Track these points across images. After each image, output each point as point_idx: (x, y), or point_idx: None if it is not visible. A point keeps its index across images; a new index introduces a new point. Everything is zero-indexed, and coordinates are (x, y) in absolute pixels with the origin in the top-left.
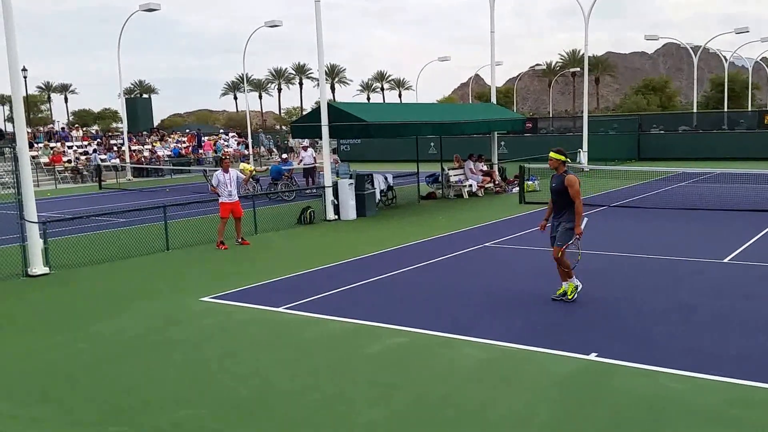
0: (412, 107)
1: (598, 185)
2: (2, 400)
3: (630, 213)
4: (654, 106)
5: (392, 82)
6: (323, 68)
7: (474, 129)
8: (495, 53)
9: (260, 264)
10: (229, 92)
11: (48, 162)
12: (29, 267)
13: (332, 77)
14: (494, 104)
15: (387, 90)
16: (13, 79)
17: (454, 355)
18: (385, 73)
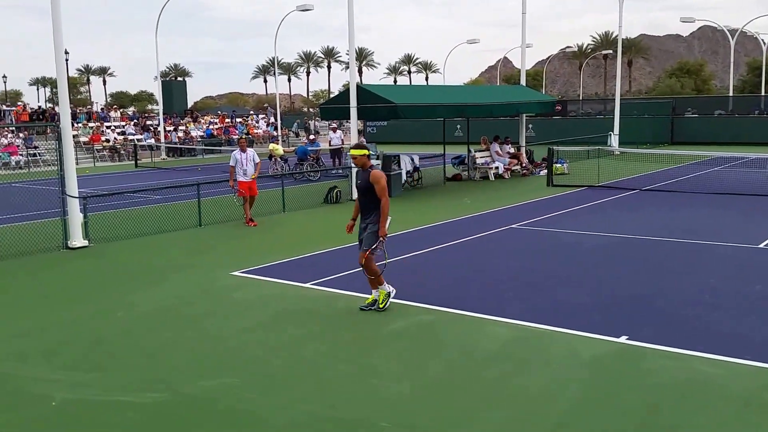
0: (439, 89)
1: (629, 169)
2: (45, 366)
3: (662, 197)
4: (688, 89)
5: (419, 65)
6: (353, 49)
7: (502, 111)
8: (525, 34)
9: (288, 241)
10: (259, 75)
11: (87, 141)
12: (69, 239)
13: (360, 60)
14: (523, 86)
15: (414, 73)
16: (58, 61)
17: (480, 334)
18: (413, 56)
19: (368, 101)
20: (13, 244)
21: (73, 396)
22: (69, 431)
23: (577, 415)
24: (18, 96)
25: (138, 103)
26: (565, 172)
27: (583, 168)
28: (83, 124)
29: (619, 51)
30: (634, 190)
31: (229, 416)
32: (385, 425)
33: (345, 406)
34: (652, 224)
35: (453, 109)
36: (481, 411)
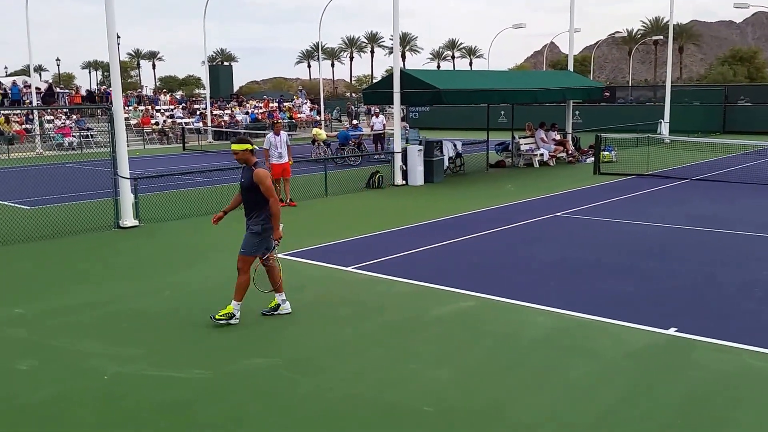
0: (484, 74)
1: (679, 158)
2: (96, 340)
3: (712, 187)
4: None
5: (463, 50)
6: (398, 34)
7: (548, 97)
8: (574, 19)
9: (330, 225)
10: (303, 60)
11: (137, 124)
12: (121, 219)
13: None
14: (571, 72)
15: (458, 58)
16: (110, 46)
17: (523, 322)
18: (457, 41)
19: (411, 86)
20: (67, 222)
21: (124, 370)
22: (120, 403)
23: (622, 406)
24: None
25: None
26: (612, 160)
27: (631, 156)
28: (134, 107)
29: (670, 37)
30: (685, 180)
31: (271, 395)
32: (428, 409)
33: (386, 390)
34: (703, 215)
35: (497, 95)
36: (523, 398)
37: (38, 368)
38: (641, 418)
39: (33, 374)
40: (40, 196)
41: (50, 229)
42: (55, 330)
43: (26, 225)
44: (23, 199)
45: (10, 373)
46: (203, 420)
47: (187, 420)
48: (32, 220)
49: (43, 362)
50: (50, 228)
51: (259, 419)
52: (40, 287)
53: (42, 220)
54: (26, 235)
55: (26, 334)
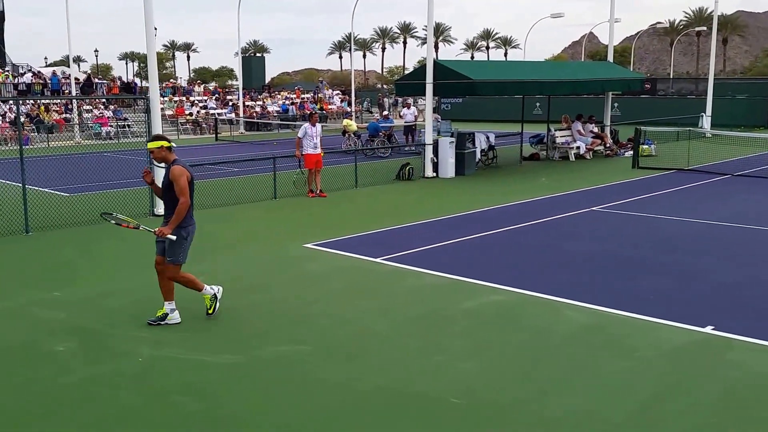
0: (518, 65)
1: (721, 152)
2: (132, 324)
3: (755, 183)
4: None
5: (498, 41)
6: (431, 24)
7: (586, 88)
8: (614, 9)
9: (360, 216)
10: (334, 51)
11: (172, 114)
12: (155, 207)
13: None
14: (610, 63)
15: (492, 49)
16: (147, 37)
17: (554, 317)
18: (492, 31)
19: (444, 77)
20: (104, 209)
21: (158, 353)
22: (154, 385)
23: (655, 404)
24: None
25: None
26: (652, 154)
27: (671, 150)
28: (168, 98)
29: (714, 28)
30: (726, 175)
31: (300, 382)
32: (456, 401)
33: (414, 381)
34: (744, 211)
35: (533, 86)
36: (554, 394)
37: (75, 350)
38: (675, 417)
39: (70, 356)
40: (78, 184)
41: (88, 216)
42: (92, 313)
43: (65, 212)
44: (62, 186)
45: (48, 354)
46: (232, 404)
47: (216, 403)
48: (71, 207)
49: (79, 344)
50: (88, 215)
51: (286, 406)
52: (77, 272)
53: (80, 207)
54: (65, 221)
55: (64, 317)
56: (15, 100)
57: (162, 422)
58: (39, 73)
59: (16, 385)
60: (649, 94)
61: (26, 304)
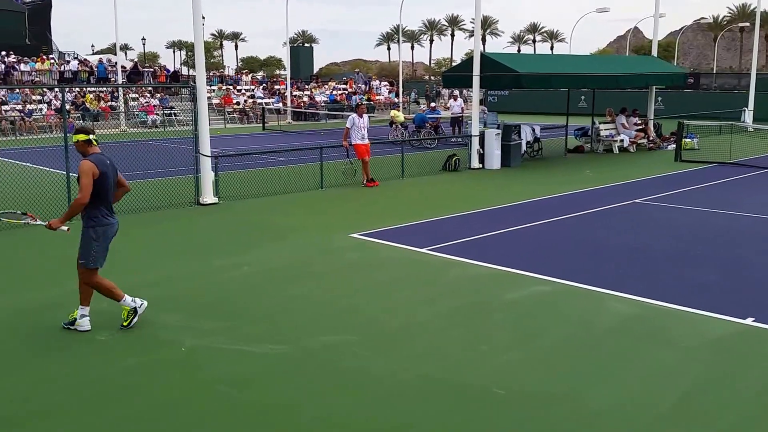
0: (564, 58)
1: (763, 146)
2: (176, 313)
3: None
4: None
5: (545, 34)
6: (479, 17)
7: (630, 82)
8: (659, 3)
9: (406, 206)
10: (383, 43)
11: (219, 103)
12: (201, 196)
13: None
14: (654, 57)
15: (539, 42)
16: (195, 26)
17: (598, 308)
18: (539, 24)
19: (491, 69)
20: (150, 198)
21: (201, 343)
22: (196, 375)
23: (698, 395)
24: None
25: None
26: (694, 148)
27: (714, 144)
28: (216, 87)
29: (757, 24)
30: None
31: (345, 372)
32: (499, 392)
33: (457, 371)
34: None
35: (578, 79)
36: (596, 384)
37: (118, 339)
38: (717, 408)
39: (113, 345)
40: (123, 172)
41: (133, 204)
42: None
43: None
44: None
45: (90, 343)
46: (276, 394)
47: (260, 393)
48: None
49: (123, 333)
50: (133, 203)
51: (330, 395)
52: (121, 260)
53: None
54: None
55: (107, 305)
56: (60, 88)
57: (205, 411)
58: (86, 60)
59: (59, 375)
60: (693, 89)
61: (69, 292)
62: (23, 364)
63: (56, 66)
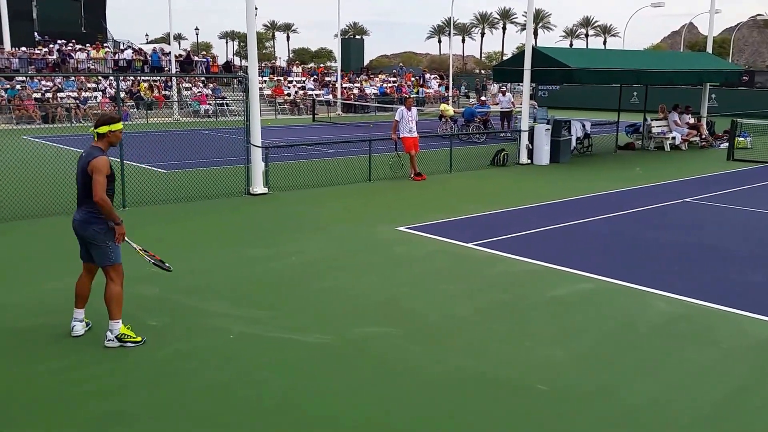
0: (617, 54)
1: None
2: (222, 301)
3: None
4: None
5: (598, 29)
6: (531, 10)
7: (683, 79)
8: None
9: (452, 201)
10: (433, 36)
11: (270, 94)
12: (251, 186)
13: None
14: (708, 54)
15: (591, 36)
16: (248, 17)
17: (642, 307)
18: (591, 18)
19: (543, 64)
20: (201, 187)
21: (248, 331)
22: (243, 362)
23: (740, 396)
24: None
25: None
26: (747, 147)
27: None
28: (268, 77)
29: None
30: None
31: (387, 364)
32: (542, 388)
33: (498, 366)
34: None
35: (631, 75)
36: (638, 383)
37: (168, 325)
38: (761, 409)
39: (162, 330)
40: (175, 161)
41: (184, 192)
42: (186, 289)
43: (162, 188)
44: (160, 162)
45: (140, 328)
46: (319, 383)
47: (304, 381)
48: (168, 183)
49: (172, 319)
50: (184, 192)
51: (371, 385)
52: (171, 248)
53: (177, 183)
54: (161, 197)
55: (158, 292)
56: (115, 76)
57: (253, 397)
58: (140, 50)
59: (110, 357)
60: (747, 87)
61: (125, 278)
62: (79, 346)
63: (111, 54)
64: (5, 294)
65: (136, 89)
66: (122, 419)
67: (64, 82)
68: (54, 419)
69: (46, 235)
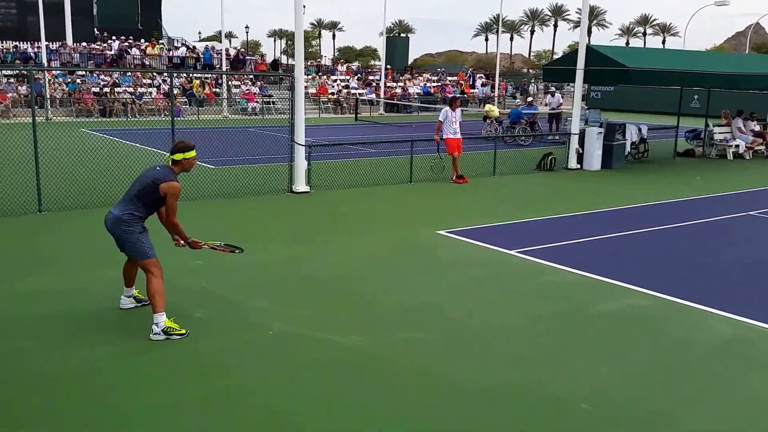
0: (677, 54)
1: None
2: (263, 298)
3: None
4: None
5: (656, 27)
6: (587, 7)
7: (749, 83)
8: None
9: (496, 205)
10: (480, 33)
11: (315, 93)
12: (294, 184)
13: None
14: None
15: (649, 35)
16: (296, 16)
17: (701, 327)
18: (650, 16)
19: (597, 63)
20: (245, 183)
21: (287, 328)
22: (280, 358)
23: None
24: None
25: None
26: None
27: None
28: (312, 76)
29: None
30: None
31: (424, 372)
32: (585, 407)
33: (542, 381)
34: None
35: (692, 77)
36: (694, 408)
37: (211, 317)
38: None
39: (205, 322)
40: (223, 157)
41: (229, 188)
42: (230, 284)
43: (210, 183)
44: (209, 158)
45: (185, 319)
46: (360, 385)
47: (339, 383)
48: (215, 178)
49: (216, 312)
50: (229, 188)
51: (408, 393)
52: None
53: (224, 179)
54: (209, 192)
55: (205, 285)
56: (169, 73)
57: (287, 394)
58: (193, 47)
59: (154, 347)
60: None
61: (170, 270)
62: (127, 335)
63: (165, 51)
64: (61, 280)
65: (189, 86)
66: (161, 410)
67: (121, 77)
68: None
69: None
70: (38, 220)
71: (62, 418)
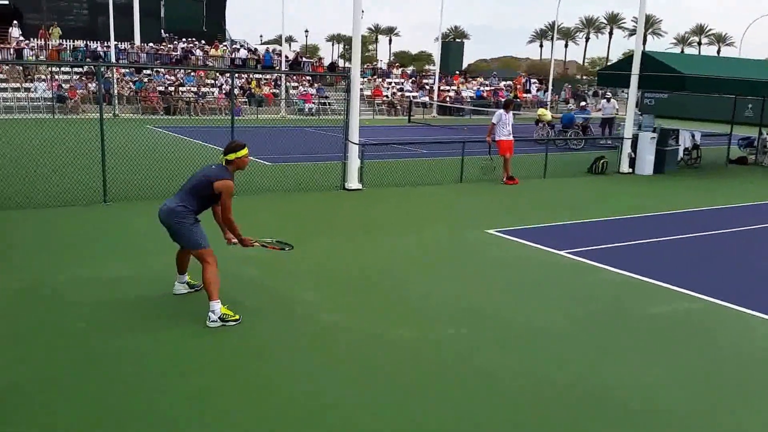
0: (733, 62)
1: None
2: (313, 290)
3: None
4: None
5: (711, 37)
6: (643, 15)
7: None
8: None
9: (546, 206)
10: (535, 40)
11: (370, 95)
12: (346, 182)
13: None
14: None
15: (704, 45)
16: (354, 21)
17: (751, 334)
18: (705, 26)
19: (652, 69)
20: (301, 180)
21: (334, 321)
22: (326, 351)
23: None
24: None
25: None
26: None
27: None
28: (368, 79)
29: None
30: None
31: (471, 368)
32: (632, 407)
33: (589, 382)
34: None
35: (747, 85)
36: (742, 412)
37: (263, 308)
38: None
39: (257, 312)
40: (280, 154)
41: (285, 184)
42: (283, 275)
43: (267, 179)
44: (267, 156)
45: (234, 306)
46: (403, 379)
47: (383, 376)
48: (272, 174)
49: (267, 302)
50: (285, 183)
51: (453, 390)
52: (267, 235)
53: (279, 175)
54: (266, 187)
55: (257, 274)
56: (231, 73)
57: (329, 387)
58: (255, 50)
59: (201, 333)
60: None
61: (226, 258)
62: (174, 322)
63: (228, 53)
64: (120, 267)
65: (248, 86)
66: (208, 395)
67: (186, 77)
68: (150, 389)
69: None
70: (103, 211)
71: (117, 398)
